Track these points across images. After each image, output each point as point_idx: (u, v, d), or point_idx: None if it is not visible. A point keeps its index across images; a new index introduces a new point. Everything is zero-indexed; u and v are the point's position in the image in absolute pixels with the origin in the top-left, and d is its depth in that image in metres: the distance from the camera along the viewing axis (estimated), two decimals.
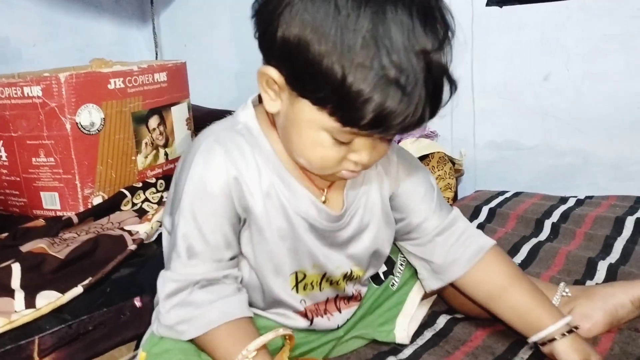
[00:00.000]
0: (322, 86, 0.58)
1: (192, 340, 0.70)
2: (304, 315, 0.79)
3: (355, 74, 0.56)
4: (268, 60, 0.64)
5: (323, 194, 0.74)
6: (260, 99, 0.69)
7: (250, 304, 0.74)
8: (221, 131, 0.71)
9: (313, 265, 0.75)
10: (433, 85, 0.59)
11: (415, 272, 0.88)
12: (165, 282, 0.70)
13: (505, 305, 0.80)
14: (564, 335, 0.75)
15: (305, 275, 0.76)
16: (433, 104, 0.61)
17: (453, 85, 0.62)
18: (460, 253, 0.81)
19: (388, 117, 0.58)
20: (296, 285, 0.76)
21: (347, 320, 0.84)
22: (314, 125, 0.63)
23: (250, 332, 0.68)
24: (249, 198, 0.69)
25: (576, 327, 0.77)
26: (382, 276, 0.89)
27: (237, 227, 0.71)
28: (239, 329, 0.68)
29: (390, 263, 0.90)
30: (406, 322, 0.87)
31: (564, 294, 0.86)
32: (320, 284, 0.77)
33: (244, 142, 0.70)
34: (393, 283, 0.89)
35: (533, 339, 0.78)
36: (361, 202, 0.78)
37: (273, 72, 0.63)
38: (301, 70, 0.59)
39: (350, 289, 0.82)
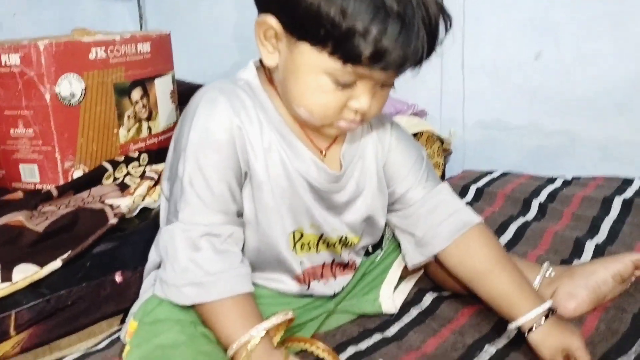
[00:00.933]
0: (321, 23, 0.59)
1: (190, 308, 0.68)
2: (300, 280, 0.78)
3: (354, 6, 0.58)
4: (264, 9, 0.65)
5: (322, 154, 0.74)
6: (261, 62, 0.71)
7: None
8: (223, 84, 0.71)
9: (310, 225, 0.75)
10: (429, 18, 0.60)
11: (397, 243, 0.87)
12: (173, 234, 0.68)
13: (486, 287, 0.79)
14: (541, 324, 0.74)
15: (302, 235, 0.75)
16: (430, 39, 0.62)
17: (448, 20, 0.64)
18: (444, 227, 0.80)
19: (388, 50, 0.59)
20: (294, 244, 0.75)
21: (343, 288, 0.83)
22: (315, 68, 0.63)
23: (254, 310, 0.68)
24: (250, 151, 0.69)
25: (554, 311, 0.76)
26: (370, 248, 0.89)
27: (240, 180, 0.70)
28: (244, 305, 0.67)
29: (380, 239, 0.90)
30: (390, 289, 0.86)
31: (547, 274, 0.86)
32: (318, 245, 0.77)
33: (246, 97, 0.70)
34: (378, 254, 0.89)
35: (511, 326, 0.77)
36: (357, 166, 0.78)
37: (271, 20, 0.64)
38: (299, 10, 0.60)
39: (346, 255, 0.81)
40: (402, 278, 0.89)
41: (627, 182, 1.34)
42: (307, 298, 0.80)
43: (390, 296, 0.86)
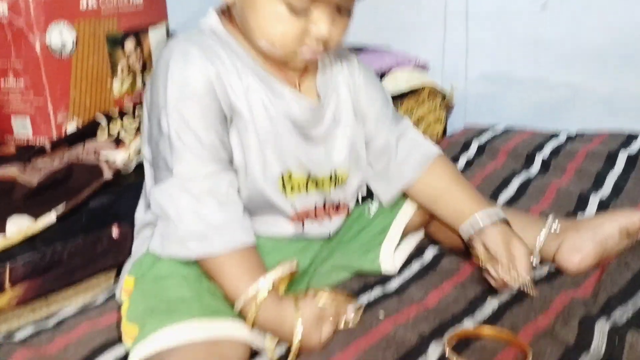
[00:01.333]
0: None
1: (193, 263, 0.68)
2: (295, 220, 0.77)
3: None
4: None
5: (297, 88, 0.75)
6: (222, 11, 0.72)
7: None
8: (191, 35, 0.71)
9: (297, 165, 0.75)
10: None
11: (397, 202, 0.86)
12: (172, 192, 0.66)
13: (444, 205, 0.82)
14: (490, 222, 0.77)
15: (291, 176, 0.75)
16: None
17: None
18: (411, 161, 0.83)
19: None
20: (284, 187, 0.75)
21: (337, 231, 0.83)
22: None
23: (259, 263, 0.68)
24: (231, 95, 0.69)
25: (507, 222, 0.78)
26: (359, 198, 0.88)
27: (225, 127, 0.70)
28: (249, 258, 0.67)
29: (369, 190, 0.88)
30: (391, 250, 0.85)
31: (553, 227, 0.84)
32: (307, 185, 0.77)
33: (216, 44, 0.70)
34: (370, 210, 0.87)
35: (463, 227, 0.79)
36: (332, 98, 0.78)
37: None
38: None
39: (336, 195, 0.80)
40: (402, 237, 0.88)
41: (632, 137, 1.31)
42: (303, 242, 0.79)
43: (390, 256, 0.84)
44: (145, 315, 0.65)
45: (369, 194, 0.88)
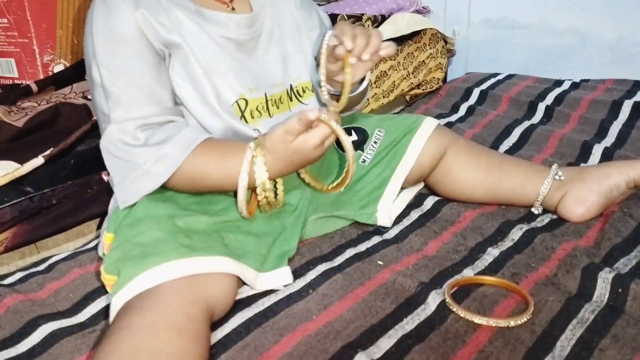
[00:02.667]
0: None
1: (165, 201, 0.66)
2: None
3: None
4: None
5: (229, 8, 0.74)
6: None
7: None
8: None
9: (250, 87, 0.72)
10: None
11: (394, 152, 0.83)
12: (111, 135, 0.66)
13: None
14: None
15: (247, 101, 0.72)
16: None
17: None
18: None
19: None
20: (242, 114, 0.72)
21: None
22: None
23: (228, 141, 0.68)
24: (163, 33, 0.67)
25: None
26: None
27: (161, 68, 0.68)
28: (216, 143, 0.67)
29: (361, 133, 0.85)
30: (388, 206, 0.82)
31: (557, 177, 0.82)
32: (268, 109, 0.74)
33: None
34: (364, 159, 0.84)
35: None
36: (269, 7, 0.77)
37: None
38: None
39: (303, 109, 0.76)
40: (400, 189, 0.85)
41: (638, 85, 1.28)
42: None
43: (387, 211, 0.82)
44: (120, 263, 0.62)
45: (361, 142, 0.85)
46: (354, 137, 0.85)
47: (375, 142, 0.85)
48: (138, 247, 0.62)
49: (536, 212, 0.84)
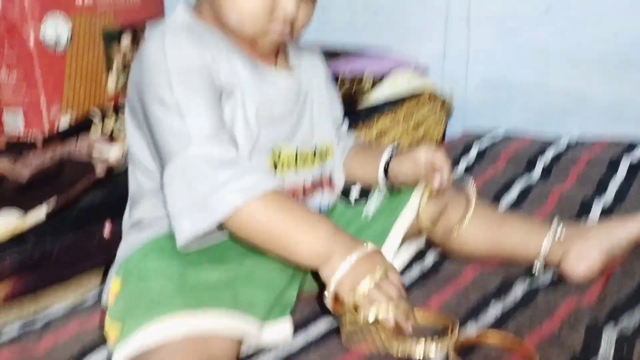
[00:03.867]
0: None
1: (178, 255, 0.65)
2: None
3: None
4: None
5: (274, 66, 0.77)
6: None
7: None
8: (177, 25, 0.71)
9: (285, 141, 0.75)
10: None
11: (395, 205, 0.84)
12: (197, 149, 0.64)
13: (356, 167, 0.86)
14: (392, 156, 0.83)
15: (280, 153, 0.74)
16: None
17: None
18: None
19: None
20: (274, 164, 0.74)
21: (327, 210, 0.82)
22: None
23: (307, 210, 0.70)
24: (223, 77, 0.69)
25: (398, 145, 0.84)
26: (352, 200, 0.88)
27: (220, 103, 0.70)
28: (297, 204, 0.69)
29: (364, 191, 0.88)
30: (390, 256, 0.82)
31: (558, 233, 0.82)
32: (296, 162, 0.76)
33: (198, 31, 0.71)
34: (366, 215, 0.85)
35: (380, 177, 0.83)
36: (306, 75, 0.81)
37: None
38: None
39: (323, 171, 0.81)
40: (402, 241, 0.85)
41: (634, 145, 1.30)
42: None
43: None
44: (127, 312, 0.62)
45: (363, 195, 0.87)
46: (357, 193, 0.88)
47: (378, 198, 0.86)
48: (146, 297, 0.61)
49: (537, 269, 0.83)
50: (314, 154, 0.79)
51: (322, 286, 0.68)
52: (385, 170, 0.83)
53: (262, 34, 0.71)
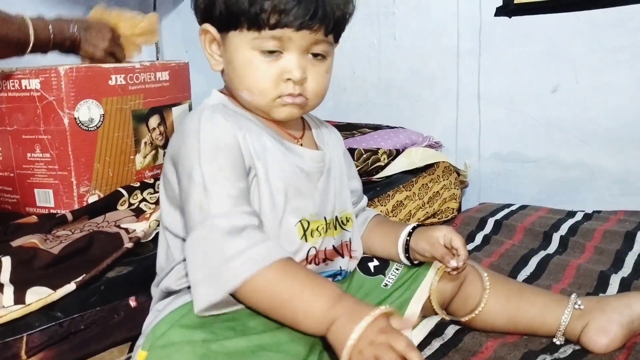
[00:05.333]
0: (234, 10, 0.71)
1: (202, 327, 0.67)
2: (309, 262, 0.78)
3: None
4: (202, 21, 0.77)
5: (300, 143, 0.81)
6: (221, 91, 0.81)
7: None
8: (212, 107, 0.76)
9: (313, 212, 0.78)
10: None
11: (415, 276, 0.86)
12: (209, 232, 0.67)
13: (375, 241, 0.89)
14: (411, 233, 0.85)
15: (309, 223, 0.77)
16: None
17: None
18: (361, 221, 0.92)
19: (286, 8, 0.69)
20: (304, 234, 0.77)
21: (347, 275, 0.84)
22: (242, 47, 0.73)
23: (315, 275, 0.69)
24: (253, 153, 0.73)
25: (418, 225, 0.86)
26: (371, 269, 0.88)
27: (248, 181, 0.74)
28: (304, 270, 0.69)
29: (383, 260, 0.89)
30: (408, 329, 0.82)
31: (577, 306, 0.83)
32: (326, 229, 0.80)
33: (232, 112, 0.76)
34: (386, 284, 0.86)
35: (400, 253, 0.85)
36: (328, 148, 0.85)
37: (208, 26, 0.76)
38: (220, 9, 0.72)
39: (344, 237, 0.84)
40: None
41: None
42: None
43: (407, 334, 0.82)
44: None
45: (383, 267, 0.88)
46: (376, 262, 0.88)
47: (397, 269, 0.88)
48: None
49: (558, 342, 0.83)
50: (336, 223, 0.82)
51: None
52: (406, 247, 0.85)
53: (274, 103, 0.75)
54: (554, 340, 0.84)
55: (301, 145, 0.81)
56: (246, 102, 0.77)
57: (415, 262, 0.86)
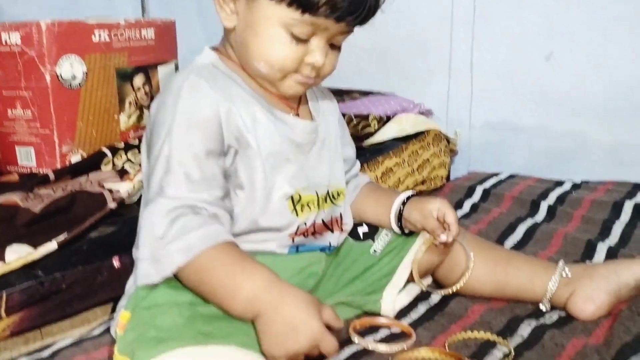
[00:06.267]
0: None
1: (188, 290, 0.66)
2: (295, 236, 0.76)
3: None
4: None
5: (296, 113, 0.78)
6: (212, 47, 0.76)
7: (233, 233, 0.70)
8: (199, 69, 0.72)
9: (305, 186, 0.76)
10: None
11: (403, 243, 0.86)
12: (154, 209, 0.65)
13: (367, 208, 0.88)
14: (404, 202, 0.84)
15: (300, 197, 0.76)
16: None
17: None
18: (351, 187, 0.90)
19: (337, 3, 0.66)
20: (294, 208, 0.75)
21: (336, 248, 0.83)
22: (273, 21, 0.69)
23: (245, 256, 0.66)
24: (242, 127, 0.70)
25: (418, 193, 0.87)
26: (360, 234, 0.88)
27: (223, 161, 0.71)
28: (236, 253, 0.65)
29: (372, 226, 0.88)
30: (394, 293, 0.84)
31: (564, 274, 0.83)
32: (318, 203, 0.78)
33: (223, 78, 0.72)
34: (375, 250, 0.86)
35: (393, 222, 0.84)
36: (323, 119, 0.82)
37: None
38: None
39: (335, 211, 0.82)
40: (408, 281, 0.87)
41: (638, 187, 1.32)
42: (301, 258, 0.77)
43: (392, 300, 0.83)
44: (135, 345, 0.62)
45: (372, 233, 0.88)
46: (365, 228, 0.88)
47: (387, 235, 0.87)
48: (155, 330, 0.62)
49: (544, 308, 0.83)
50: (327, 197, 0.80)
51: None
52: (399, 216, 0.84)
53: (287, 80, 0.73)
54: (540, 306, 0.84)
55: (297, 115, 0.78)
56: (256, 72, 0.73)
57: (406, 231, 0.85)
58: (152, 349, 0.59)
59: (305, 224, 0.76)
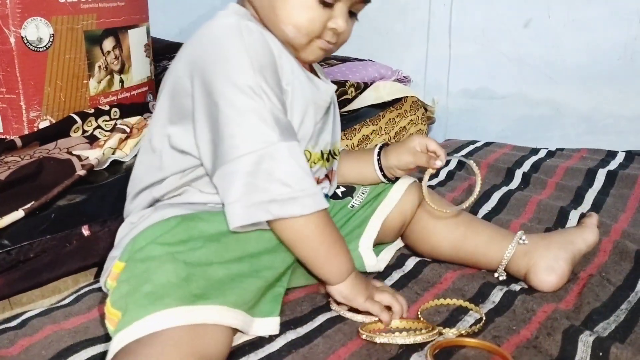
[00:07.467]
0: None
1: (183, 243, 0.66)
2: None
3: None
4: None
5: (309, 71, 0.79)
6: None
7: None
8: (234, 16, 0.71)
9: (314, 143, 0.78)
10: None
11: (377, 196, 0.87)
12: (276, 149, 0.66)
13: (350, 170, 0.90)
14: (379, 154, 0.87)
15: (310, 154, 0.78)
16: None
17: None
18: None
19: None
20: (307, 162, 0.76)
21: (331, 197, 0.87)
22: None
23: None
24: (288, 74, 0.72)
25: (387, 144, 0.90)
26: (339, 194, 0.89)
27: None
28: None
29: (349, 186, 0.90)
30: (370, 242, 0.85)
31: (521, 241, 0.83)
32: (323, 160, 0.80)
33: (261, 30, 0.71)
34: (353, 205, 0.87)
35: (377, 172, 0.87)
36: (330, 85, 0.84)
37: None
38: None
39: (335, 165, 0.85)
40: (384, 244, 0.89)
41: (611, 155, 1.33)
42: None
43: (369, 248, 0.84)
44: (129, 299, 0.62)
45: (350, 191, 0.89)
46: (342, 188, 0.89)
47: (364, 192, 0.88)
48: (150, 286, 0.62)
49: (500, 277, 0.84)
50: (330, 155, 0.82)
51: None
52: (380, 167, 0.87)
53: (313, 44, 0.73)
54: (495, 274, 0.84)
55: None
56: (282, 35, 0.72)
57: (392, 178, 0.88)
58: (145, 308, 0.60)
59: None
